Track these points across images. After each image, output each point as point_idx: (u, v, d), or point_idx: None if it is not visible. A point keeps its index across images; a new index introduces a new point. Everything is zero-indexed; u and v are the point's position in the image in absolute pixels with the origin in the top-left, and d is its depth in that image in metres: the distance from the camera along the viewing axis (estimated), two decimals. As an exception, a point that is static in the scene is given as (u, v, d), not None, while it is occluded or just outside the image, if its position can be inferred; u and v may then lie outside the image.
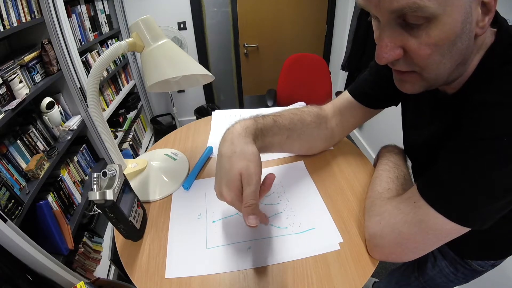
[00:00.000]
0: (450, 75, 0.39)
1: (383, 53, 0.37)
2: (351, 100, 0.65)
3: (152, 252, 0.52)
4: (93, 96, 0.54)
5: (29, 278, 0.94)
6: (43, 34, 1.29)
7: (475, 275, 0.67)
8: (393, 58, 0.37)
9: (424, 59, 0.36)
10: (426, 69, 0.37)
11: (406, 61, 0.38)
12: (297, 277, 0.46)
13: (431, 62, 0.36)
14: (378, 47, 0.37)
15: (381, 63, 0.38)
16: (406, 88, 0.43)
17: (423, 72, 0.38)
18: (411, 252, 0.43)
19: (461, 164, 0.36)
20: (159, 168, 0.70)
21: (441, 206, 0.37)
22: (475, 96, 0.38)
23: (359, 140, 2.46)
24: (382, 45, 0.37)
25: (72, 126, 1.44)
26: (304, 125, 0.61)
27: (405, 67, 0.39)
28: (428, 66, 0.37)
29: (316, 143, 0.67)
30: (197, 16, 2.39)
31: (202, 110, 2.76)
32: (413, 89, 0.42)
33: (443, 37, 0.33)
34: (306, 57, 2.09)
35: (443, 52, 0.35)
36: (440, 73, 0.38)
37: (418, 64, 0.37)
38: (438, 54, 0.35)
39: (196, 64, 0.56)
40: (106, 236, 1.64)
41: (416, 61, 0.37)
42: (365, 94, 0.63)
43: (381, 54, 0.37)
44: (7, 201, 0.95)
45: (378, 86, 0.59)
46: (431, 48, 0.34)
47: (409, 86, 0.42)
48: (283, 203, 0.60)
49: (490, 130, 0.34)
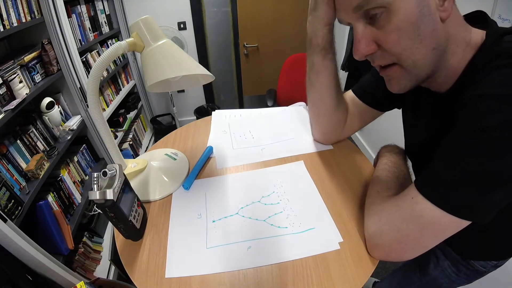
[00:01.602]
0: (432, 64, 0.41)
1: (358, 48, 0.41)
2: (357, 101, 0.67)
3: (152, 252, 0.52)
4: (93, 96, 0.54)
5: (29, 278, 0.94)
6: (43, 34, 1.29)
7: (477, 275, 0.67)
8: (368, 52, 0.41)
9: (394, 45, 0.39)
10: (401, 56, 0.40)
11: (382, 54, 0.42)
12: (297, 277, 0.46)
13: (402, 47, 0.39)
14: (354, 45, 0.42)
15: (358, 58, 0.42)
16: (394, 86, 0.45)
17: (401, 61, 0.41)
18: (411, 249, 0.43)
19: (456, 157, 0.37)
20: (159, 168, 0.70)
21: (438, 199, 0.38)
22: (466, 92, 0.39)
23: (359, 140, 2.46)
24: (356, 42, 0.41)
25: (72, 126, 1.44)
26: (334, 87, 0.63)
27: (383, 60, 0.43)
28: (401, 53, 0.40)
29: (329, 112, 0.67)
30: (197, 16, 2.39)
31: (202, 110, 2.76)
32: (399, 85, 0.44)
33: (402, 20, 0.37)
34: (306, 57, 2.09)
35: (409, 35, 0.38)
36: (417, 60, 0.40)
37: (392, 52, 0.40)
38: (405, 38, 0.38)
39: (196, 64, 0.56)
40: (106, 236, 1.64)
41: (388, 48, 0.40)
42: (371, 95, 0.64)
43: (357, 49, 0.42)
44: (7, 201, 0.95)
45: (382, 88, 0.59)
46: (396, 33, 0.38)
47: (395, 83, 0.45)
48: (283, 203, 0.60)
49: (481, 123, 0.34)
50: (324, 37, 0.57)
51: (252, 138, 0.82)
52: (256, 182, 0.66)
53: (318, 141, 0.76)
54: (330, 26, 0.56)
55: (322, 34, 0.56)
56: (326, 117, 0.68)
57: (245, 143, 0.80)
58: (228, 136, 0.84)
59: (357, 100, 0.67)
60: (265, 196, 0.62)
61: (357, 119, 0.69)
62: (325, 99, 0.64)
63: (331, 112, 0.66)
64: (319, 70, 0.61)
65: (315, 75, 0.62)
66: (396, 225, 0.43)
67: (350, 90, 0.69)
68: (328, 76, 0.61)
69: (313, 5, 0.54)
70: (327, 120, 0.69)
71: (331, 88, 0.62)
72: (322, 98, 0.64)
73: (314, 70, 0.61)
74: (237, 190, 0.64)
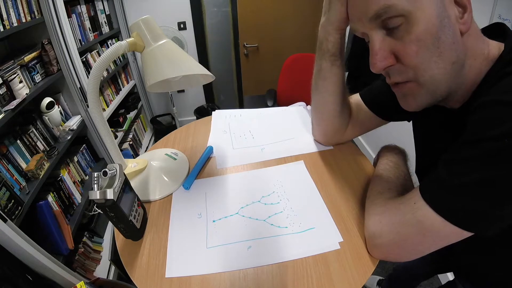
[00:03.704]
0: (450, 80, 0.39)
1: (376, 61, 0.40)
2: (364, 108, 0.66)
3: (152, 251, 0.52)
4: (93, 96, 0.54)
5: (29, 278, 0.94)
6: (43, 34, 1.29)
7: None
8: (386, 65, 0.40)
9: (413, 57, 0.37)
10: (418, 70, 0.38)
11: (400, 69, 0.40)
12: (297, 277, 0.46)
13: (421, 60, 0.37)
14: (371, 57, 0.40)
15: (376, 71, 0.41)
16: (409, 103, 0.43)
17: (418, 76, 0.39)
18: (409, 252, 0.43)
19: (461, 165, 0.36)
20: (159, 168, 0.70)
21: (440, 207, 0.37)
22: (477, 100, 0.37)
23: (359, 140, 2.46)
24: (373, 54, 0.40)
25: (72, 126, 1.44)
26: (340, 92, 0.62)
27: (400, 77, 0.41)
28: (419, 66, 0.38)
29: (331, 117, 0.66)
30: (197, 16, 2.39)
31: (202, 110, 2.76)
32: (416, 102, 0.42)
33: (422, 31, 0.36)
34: (306, 57, 2.09)
35: (429, 47, 0.36)
36: (435, 74, 0.38)
37: (410, 65, 0.38)
38: (425, 49, 0.37)
39: (196, 64, 0.56)
40: (106, 236, 1.64)
41: (406, 61, 0.38)
42: (380, 105, 0.63)
43: (374, 61, 0.40)
44: (7, 201, 0.95)
45: (392, 98, 0.56)
46: (416, 44, 0.36)
47: (411, 100, 0.42)
48: (283, 203, 0.60)
49: (489, 131, 0.33)
50: (335, 43, 0.56)
51: (252, 138, 0.82)
52: (256, 182, 0.66)
53: (318, 141, 0.76)
54: (342, 31, 0.54)
55: (333, 40, 0.55)
56: (328, 121, 0.68)
57: (245, 143, 0.80)
58: (228, 136, 0.84)
59: (363, 107, 0.66)
60: (265, 196, 0.62)
61: (360, 125, 0.68)
62: (329, 105, 0.64)
63: (334, 118, 0.66)
64: (326, 76, 0.60)
65: (321, 81, 0.61)
66: (397, 228, 0.43)
67: (357, 94, 0.67)
68: (334, 83, 0.60)
69: (327, 6, 0.52)
70: (328, 125, 0.69)
71: (336, 94, 0.62)
72: (326, 104, 0.64)
73: (322, 75, 0.61)
74: (237, 190, 0.64)
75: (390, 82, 0.43)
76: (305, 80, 2.43)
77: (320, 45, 0.58)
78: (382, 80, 0.62)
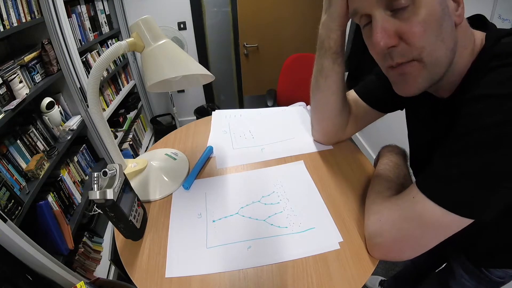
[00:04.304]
0: (447, 65, 0.41)
1: (379, 39, 0.39)
2: (360, 103, 0.67)
3: (152, 251, 0.52)
4: (93, 96, 0.54)
5: (29, 278, 0.94)
6: (43, 34, 1.29)
7: (495, 286, 0.65)
8: (390, 44, 0.39)
9: (420, 38, 0.38)
10: (423, 50, 0.39)
11: (404, 49, 0.40)
12: (297, 277, 0.46)
13: (427, 41, 0.38)
14: (374, 36, 0.40)
15: (378, 51, 0.40)
16: (409, 85, 0.43)
17: (422, 56, 0.39)
18: (410, 249, 0.43)
19: (455, 156, 0.37)
20: (159, 167, 0.70)
21: (438, 197, 0.38)
22: (466, 94, 0.39)
23: (359, 140, 2.46)
24: (377, 33, 0.39)
25: (72, 126, 1.44)
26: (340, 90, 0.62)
27: (403, 57, 0.40)
28: (425, 47, 0.38)
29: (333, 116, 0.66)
30: (197, 16, 2.39)
31: (202, 110, 2.76)
32: (416, 84, 0.42)
33: (429, 14, 0.37)
34: (306, 57, 2.09)
35: (434, 30, 0.37)
36: (439, 57, 0.39)
37: (416, 45, 0.38)
38: (431, 32, 0.38)
39: (196, 64, 0.56)
40: (106, 236, 1.64)
41: (413, 41, 0.38)
42: (375, 97, 0.64)
43: (377, 40, 0.39)
44: (7, 201, 0.95)
45: (387, 90, 0.58)
46: (423, 25, 0.37)
47: (412, 81, 0.42)
48: (283, 203, 0.60)
49: (480, 122, 0.35)
50: (337, 40, 0.56)
51: (252, 138, 0.82)
52: (256, 182, 0.66)
53: (318, 141, 0.76)
54: (344, 28, 0.55)
55: (335, 37, 0.56)
56: (330, 120, 0.68)
57: (245, 143, 0.80)
58: (228, 136, 0.84)
59: (360, 101, 0.67)
60: (265, 196, 0.62)
61: (359, 121, 0.69)
62: (331, 104, 0.64)
63: (335, 116, 0.66)
64: (328, 74, 0.60)
65: (323, 79, 0.61)
66: (397, 225, 0.43)
67: (352, 90, 0.68)
68: (336, 81, 0.61)
69: (327, 3, 0.53)
70: (330, 124, 0.69)
71: (337, 92, 0.62)
72: (327, 102, 0.64)
73: (323, 74, 0.61)
74: (237, 190, 0.64)
75: (391, 64, 0.42)
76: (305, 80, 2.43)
77: (322, 44, 0.58)
78: (375, 74, 0.64)
